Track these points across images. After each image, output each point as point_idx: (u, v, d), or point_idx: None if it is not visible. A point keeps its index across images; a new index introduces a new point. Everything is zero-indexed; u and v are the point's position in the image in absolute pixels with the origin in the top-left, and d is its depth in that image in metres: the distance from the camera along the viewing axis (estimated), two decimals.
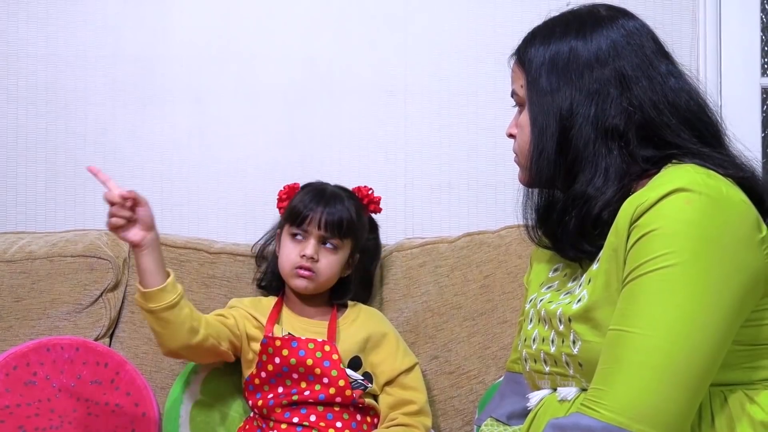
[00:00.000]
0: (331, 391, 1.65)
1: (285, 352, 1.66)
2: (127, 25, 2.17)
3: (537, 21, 1.32)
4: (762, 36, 2.23)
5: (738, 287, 1.09)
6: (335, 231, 1.71)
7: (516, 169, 1.35)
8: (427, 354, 1.87)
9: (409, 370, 1.75)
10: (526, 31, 1.31)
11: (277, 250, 1.80)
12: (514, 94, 1.32)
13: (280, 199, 1.82)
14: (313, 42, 2.18)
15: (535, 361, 1.31)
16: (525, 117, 1.28)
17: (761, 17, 2.22)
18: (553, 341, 1.25)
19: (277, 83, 2.18)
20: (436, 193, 2.17)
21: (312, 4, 2.18)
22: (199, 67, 2.17)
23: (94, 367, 1.76)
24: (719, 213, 1.10)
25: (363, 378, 1.70)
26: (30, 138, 2.17)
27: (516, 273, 1.87)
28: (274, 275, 1.82)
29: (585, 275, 1.23)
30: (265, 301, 1.79)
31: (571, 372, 1.22)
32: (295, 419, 1.65)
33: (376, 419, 1.72)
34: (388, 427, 1.69)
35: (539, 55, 1.25)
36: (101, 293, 1.87)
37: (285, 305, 1.78)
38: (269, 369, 1.67)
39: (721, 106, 2.04)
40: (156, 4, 2.17)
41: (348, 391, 1.65)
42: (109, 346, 1.85)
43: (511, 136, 1.34)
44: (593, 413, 1.08)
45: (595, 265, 1.20)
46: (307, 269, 1.71)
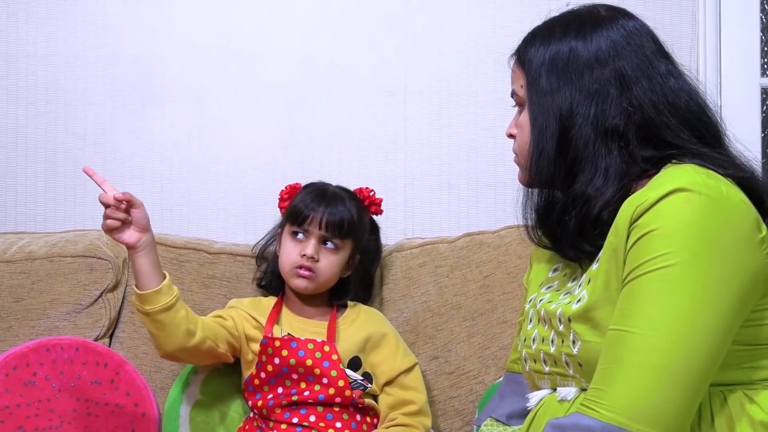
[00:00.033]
0: (331, 391, 1.65)
1: (284, 353, 1.66)
2: (126, 25, 2.17)
3: (537, 21, 1.32)
4: (762, 36, 2.23)
5: (738, 287, 1.09)
6: (336, 231, 1.71)
7: (516, 169, 1.35)
8: (426, 354, 1.87)
9: (408, 371, 1.75)
10: (526, 32, 1.31)
11: (278, 249, 1.80)
12: (514, 94, 1.32)
13: (281, 199, 1.82)
14: (313, 42, 2.18)
15: (534, 361, 1.31)
16: (525, 117, 1.28)
17: (761, 17, 2.22)
18: (552, 341, 1.25)
19: (276, 83, 2.17)
20: (436, 194, 2.17)
21: (312, 4, 2.18)
22: (198, 67, 2.17)
23: (94, 367, 1.76)
24: (719, 213, 1.10)
25: (363, 378, 1.70)
26: (30, 138, 2.17)
27: (516, 273, 1.87)
28: (274, 275, 1.82)
29: (585, 275, 1.23)
30: (264, 302, 1.79)
31: (570, 372, 1.22)
32: (294, 419, 1.65)
33: (375, 419, 1.72)
34: (387, 427, 1.69)
35: (539, 56, 1.25)
36: (101, 293, 1.87)
37: (285, 305, 1.78)
38: (269, 369, 1.67)
39: (720, 106, 2.04)
40: (156, 4, 2.17)
41: (348, 392, 1.65)
42: (109, 346, 1.85)
43: (510, 136, 1.34)
44: (593, 413, 1.08)
45: (594, 265, 1.20)
46: (308, 269, 1.71)
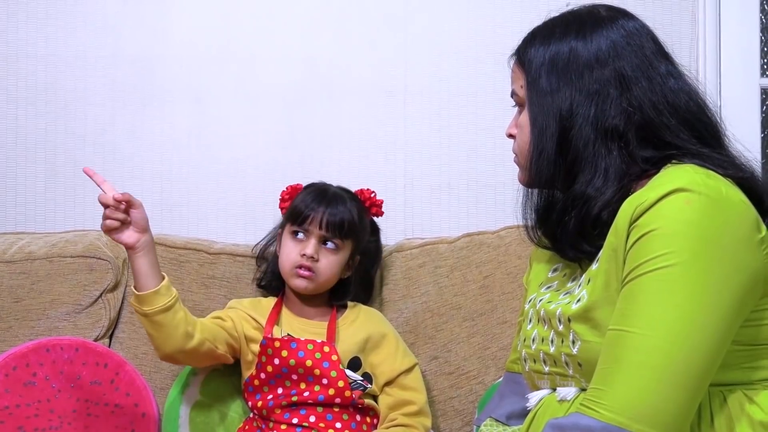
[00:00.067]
0: (331, 392, 1.65)
1: (284, 353, 1.66)
2: (126, 25, 2.17)
3: (536, 21, 1.32)
4: (761, 36, 2.23)
5: (737, 287, 1.09)
6: (336, 231, 1.71)
7: (515, 169, 1.35)
8: (426, 354, 1.87)
9: (408, 371, 1.75)
10: (526, 32, 1.31)
11: (278, 249, 1.80)
12: (513, 94, 1.32)
13: (282, 200, 1.82)
14: (312, 42, 2.18)
15: (534, 361, 1.31)
16: (525, 117, 1.28)
17: (760, 18, 2.22)
18: (552, 341, 1.25)
19: (276, 83, 2.17)
20: (435, 194, 2.17)
21: (312, 4, 2.18)
22: (198, 67, 2.17)
23: (94, 367, 1.76)
24: (719, 213, 1.10)
25: (362, 379, 1.70)
26: (29, 138, 2.17)
27: (515, 273, 1.87)
28: (274, 275, 1.81)
29: (584, 275, 1.23)
30: (264, 302, 1.79)
31: (570, 372, 1.22)
32: (294, 420, 1.65)
33: (375, 420, 1.72)
34: (387, 427, 1.69)
35: (539, 56, 1.25)
36: (101, 294, 1.87)
37: (284, 306, 1.78)
38: (268, 370, 1.67)
39: (720, 106, 2.04)
40: (155, 4, 2.17)
41: (347, 392, 1.65)
42: (109, 346, 1.85)
43: (510, 136, 1.34)
44: (592, 413, 1.08)
45: (594, 265, 1.20)
46: (307, 269, 1.71)
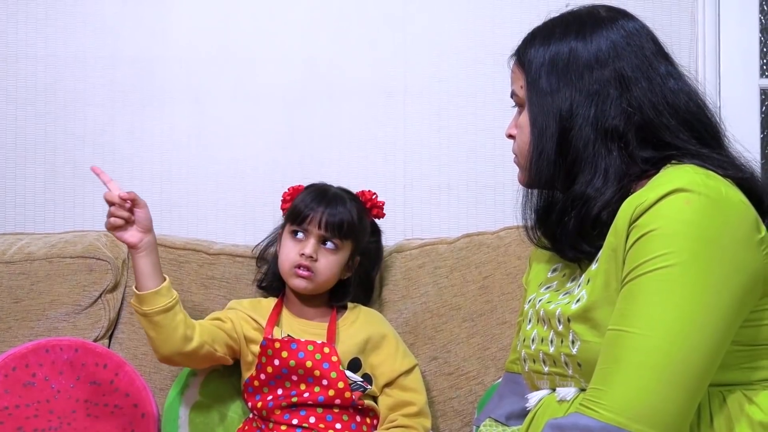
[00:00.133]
0: (331, 392, 1.65)
1: (284, 354, 1.66)
2: (126, 26, 2.17)
3: (536, 22, 1.32)
4: (761, 37, 2.23)
5: (737, 287, 1.09)
6: (335, 231, 1.71)
7: (515, 170, 1.35)
8: (426, 355, 1.86)
9: (408, 372, 1.75)
10: (526, 32, 1.31)
11: (278, 249, 1.80)
12: (513, 94, 1.32)
13: (283, 200, 1.82)
14: (312, 43, 2.18)
15: (534, 362, 1.31)
16: (525, 118, 1.28)
17: (760, 18, 2.22)
18: (552, 341, 1.25)
19: (276, 84, 2.17)
20: (435, 194, 2.17)
21: (311, 5, 2.18)
22: (198, 68, 2.17)
23: (93, 368, 1.76)
24: (718, 213, 1.10)
25: (362, 380, 1.69)
26: (29, 139, 2.16)
27: (515, 274, 1.87)
28: (274, 276, 1.81)
29: (584, 275, 1.23)
30: (264, 303, 1.79)
31: (570, 372, 1.22)
32: (294, 421, 1.65)
33: (375, 420, 1.72)
34: (387, 428, 1.69)
35: (539, 56, 1.26)
36: (100, 294, 1.87)
37: (284, 307, 1.78)
38: (268, 371, 1.67)
39: (719, 107, 2.04)
40: (155, 5, 2.17)
41: (347, 393, 1.65)
42: (108, 347, 1.85)
43: (510, 136, 1.34)
44: (592, 413, 1.08)
45: (594, 266, 1.20)
46: (306, 268, 1.70)
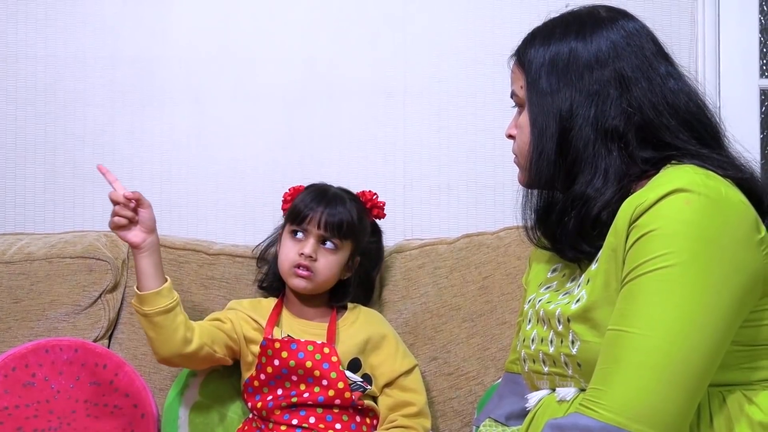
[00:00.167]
0: (330, 393, 1.65)
1: (284, 354, 1.66)
2: (125, 26, 2.17)
3: (536, 22, 1.32)
4: (760, 37, 2.23)
5: (737, 288, 1.09)
6: (335, 231, 1.71)
7: (515, 170, 1.35)
8: (426, 355, 1.86)
9: (408, 372, 1.75)
10: (526, 33, 1.31)
11: (278, 249, 1.80)
12: (513, 94, 1.32)
13: (284, 201, 1.82)
14: (312, 43, 2.18)
15: (533, 362, 1.31)
16: (525, 118, 1.28)
17: (760, 19, 2.22)
18: (551, 341, 1.25)
19: (276, 84, 2.17)
20: (435, 195, 2.17)
21: (311, 5, 2.18)
22: (198, 68, 2.17)
23: (93, 368, 1.76)
24: (718, 214, 1.10)
25: (362, 380, 1.69)
26: (29, 139, 2.16)
27: (515, 274, 1.87)
28: (275, 276, 1.81)
29: (584, 275, 1.23)
30: (264, 303, 1.79)
31: (569, 372, 1.22)
32: (294, 421, 1.65)
33: (375, 421, 1.72)
34: (387, 428, 1.69)
35: (539, 56, 1.26)
36: (100, 294, 1.87)
37: (285, 307, 1.78)
38: (268, 371, 1.67)
39: (719, 107, 2.04)
40: (155, 5, 2.17)
41: (347, 393, 1.65)
42: (108, 347, 1.85)
43: (510, 137, 1.34)
44: (592, 413, 1.08)
45: (593, 266, 1.20)
46: (306, 268, 1.70)
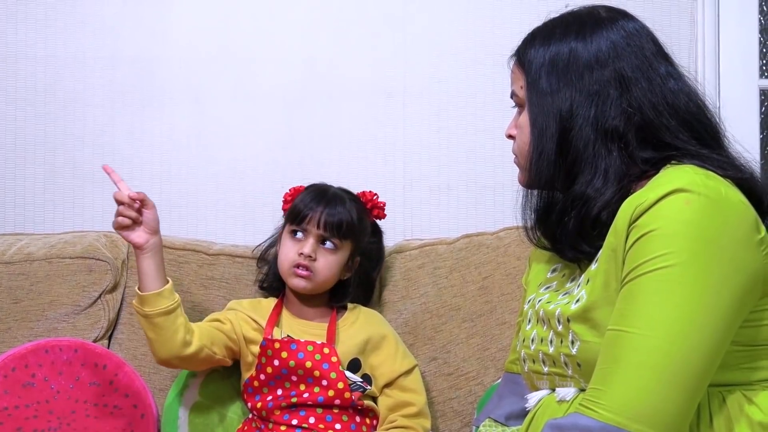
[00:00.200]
0: (330, 393, 1.65)
1: (284, 355, 1.66)
2: (125, 26, 2.17)
3: (535, 23, 1.32)
4: (760, 38, 2.23)
5: (737, 288, 1.09)
6: (334, 231, 1.71)
7: (515, 170, 1.35)
8: (425, 355, 1.86)
9: (408, 372, 1.75)
10: (525, 33, 1.31)
11: (278, 249, 1.80)
12: (513, 95, 1.32)
13: (285, 201, 1.82)
14: (312, 43, 2.18)
15: (533, 362, 1.31)
16: (525, 118, 1.28)
17: (759, 19, 2.22)
18: (551, 342, 1.25)
19: (276, 84, 2.17)
20: (434, 195, 2.17)
21: (311, 5, 2.18)
22: (197, 68, 2.17)
23: (93, 368, 1.75)
24: (718, 214, 1.10)
25: (362, 380, 1.69)
26: (29, 139, 2.17)
27: (515, 274, 1.87)
28: (275, 276, 1.81)
29: (583, 275, 1.23)
30: (264, 303, 1.79)
31: (569, 372, 1.22)
32: (294, 421, 1.65)
33: (375, 421, 1.72)
34: (387, 429, 1.69)
35: (539, 56, 1.26)
36: (100, 295, 1.87)
37: (284, 307, 1.78)
38: (268, 371, 1.67)
39: (719, 107, 2.04)
40: (155, 5, 2.17)
41: (347, 394, 1.65)
42: (108, 347, 1.85)
43: (510, 137, 1.34)
44: (591, 413, 1.08)
45: (593, 266, 1.20)
46: (305, 268, 1.70)
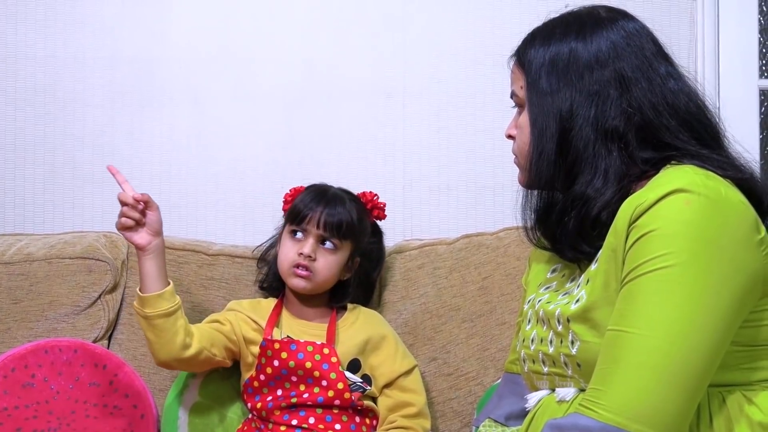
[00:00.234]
0: (330, 393, 1.65)
1: (284, 355, 1.66)
2: (125, 27, 2.17)
3: (535, 23, 1.32)
4: (760, 38, 2.23)
5: (736, 288, 1.09)
6: (334, 231, 1.71)
7: (514, 170, 1.35)
8: (425, 356, 1.86)
9: (408, 373, 1.75)
10: (525, 33, 1.31)
11: (278, 249, 1.80)
12: (513, 95, 1.32)
13: (285, 201, 1.82)
14: (311, 44, 2.18)
15: (533, 362, 1.31)
16: (525, 118, 1.28)
17: (759, 19, 2.23)
18: (551, 342, 1.25)
19: (275, 85, 2.17)
20: (434, 195, 2.17)
21: (311, 5, 2.18)
22: (197, 68, 2.17)
23: (93, 369, 1.75)
24: (718, 214, 1.10)
25: (362, 380, 1.69)
26: (28, 140, 2.17)
27: (514, 274, 1.87)
28: (275, 277, 1.81)
29: (583, 276, 1.23)
30: (264, 303, 1.79)
31: (569, 372, 1.22)
32: (294, 422, 1.65)
33: (375, 421, 1.72)
34: (386, 429, 1.69)
35: (539, 57, 1.26)
36: (99, 295, 1.87)
37: (284, 307, 1.78)
38: (268, 372, 1.67)
39: (719, 108, 2.04)
40: (154, 6, 2.17)
41: (347, 394, 1.65)
42: (108, 348, 1.85)
43: (510, 137, 1.34)
44: (591, 413, 1.08)
45: (593, 266, 1.20)
46: (305, 268, 1.70)
